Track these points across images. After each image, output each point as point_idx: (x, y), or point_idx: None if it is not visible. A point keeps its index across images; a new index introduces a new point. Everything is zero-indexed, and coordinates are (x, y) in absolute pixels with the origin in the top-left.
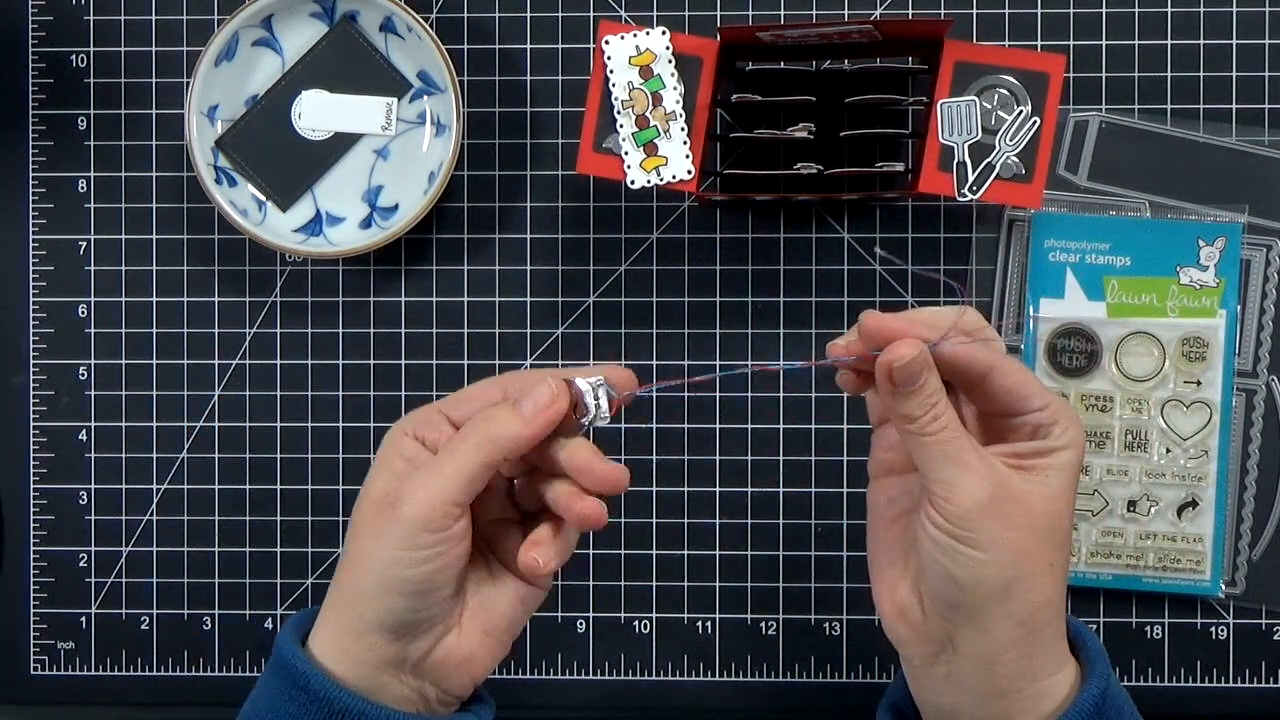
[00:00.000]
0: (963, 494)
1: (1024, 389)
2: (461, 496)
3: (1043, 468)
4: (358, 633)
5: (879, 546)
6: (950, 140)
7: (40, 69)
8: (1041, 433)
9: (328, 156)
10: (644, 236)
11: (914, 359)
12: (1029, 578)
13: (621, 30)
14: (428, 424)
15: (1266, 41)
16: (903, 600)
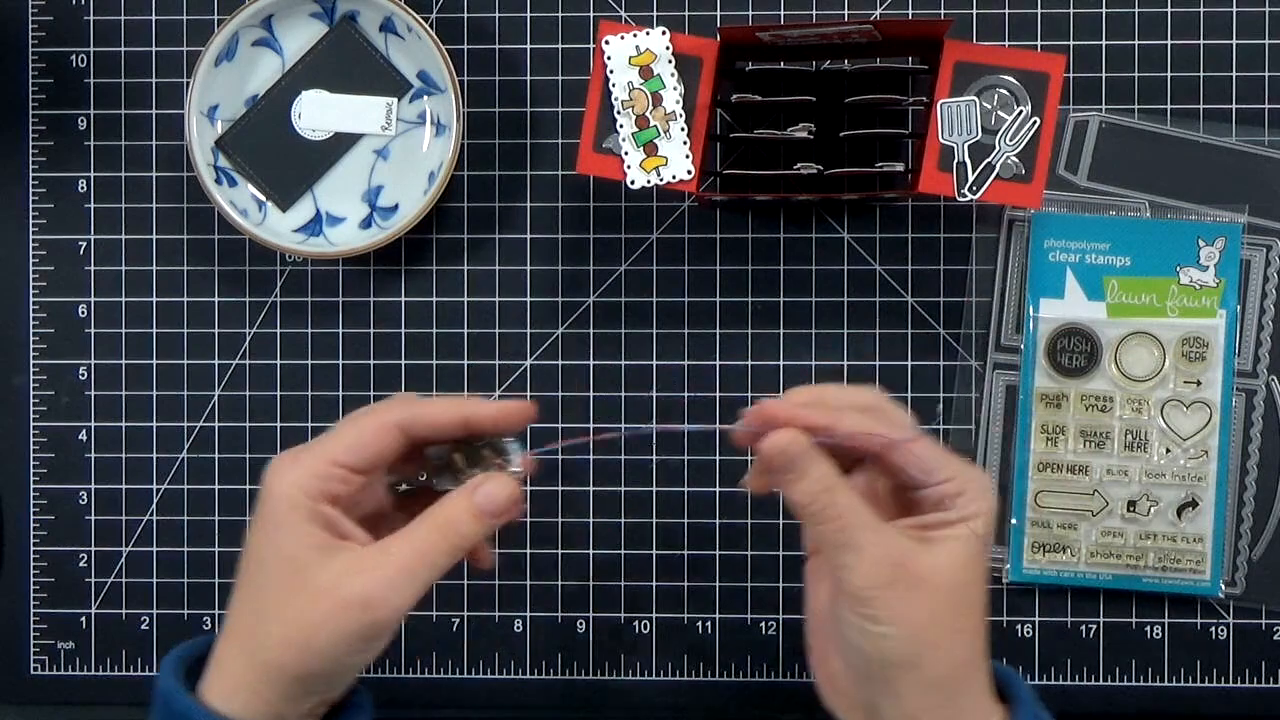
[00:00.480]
0: (859, 576)
1: (927, 463)
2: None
3: (947, 538)
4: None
5: (814, 619)
6: (950, 140)
7: (40, 69)
8: (948, 503)
9: (328, 156)
10: (644, 236)
11: (785, 448)
12: (937, 647)
13: (621, 30)
14: (330, 480)
15: (1266, 41)
16: (833, 669)
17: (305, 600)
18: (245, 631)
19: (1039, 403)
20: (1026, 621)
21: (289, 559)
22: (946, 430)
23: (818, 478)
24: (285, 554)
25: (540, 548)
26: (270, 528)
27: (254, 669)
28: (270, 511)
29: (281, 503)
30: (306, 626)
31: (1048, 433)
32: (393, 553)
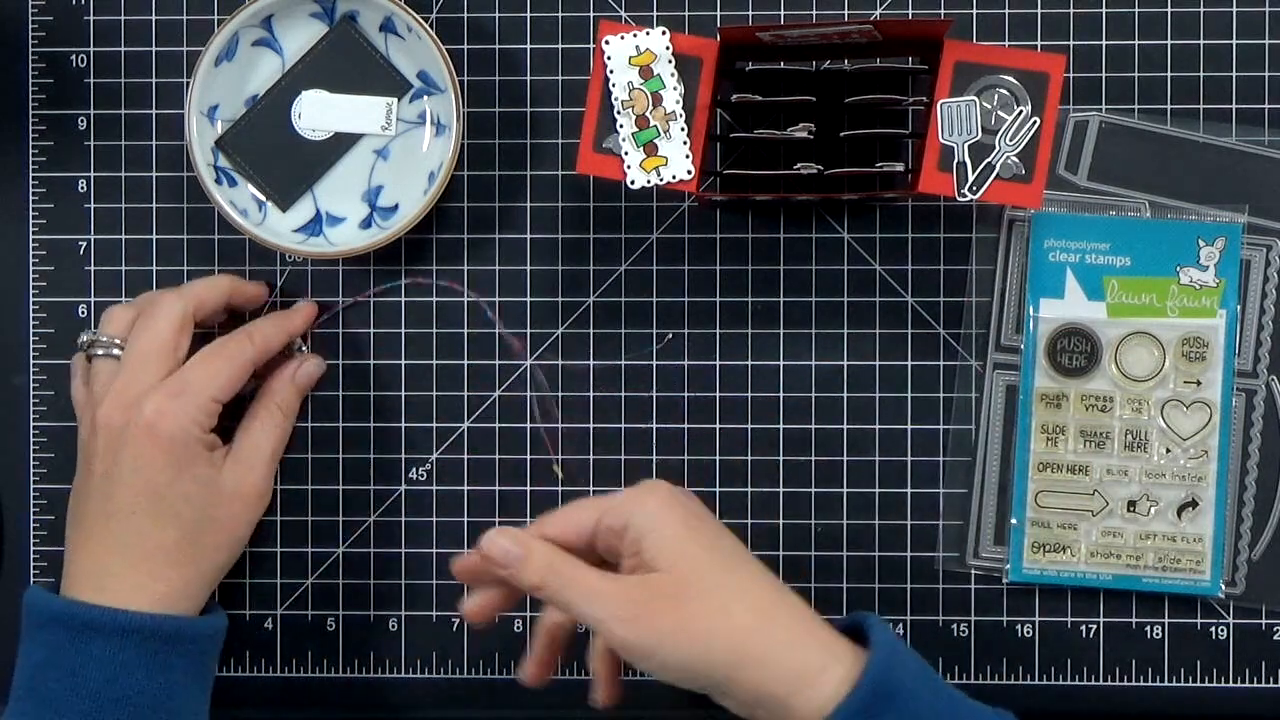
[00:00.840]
0: (611, 621)
1: (571, 520)
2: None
3: (644, 550)
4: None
5: None
6: (950, 140)
7: (40, 69)
8: (618, 528)
9: (328, 156)
10: (644, 236)
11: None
12: (712, 635)
13: (621, 30)
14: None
15: (1266, 41)
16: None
17: (225, 509)
18: (179, 551)
19: (1039, 403)
20: (1026, 621)
21: (206, 483)
22: (946, 430)
23: (539, 553)
24: (198, 481)
25: None
26: (180, 464)
27: (196, 577)
28: (175, 451)
29: (186, 443)
30: (232, 526)
31: (1048, 433)
32: (259, 444)
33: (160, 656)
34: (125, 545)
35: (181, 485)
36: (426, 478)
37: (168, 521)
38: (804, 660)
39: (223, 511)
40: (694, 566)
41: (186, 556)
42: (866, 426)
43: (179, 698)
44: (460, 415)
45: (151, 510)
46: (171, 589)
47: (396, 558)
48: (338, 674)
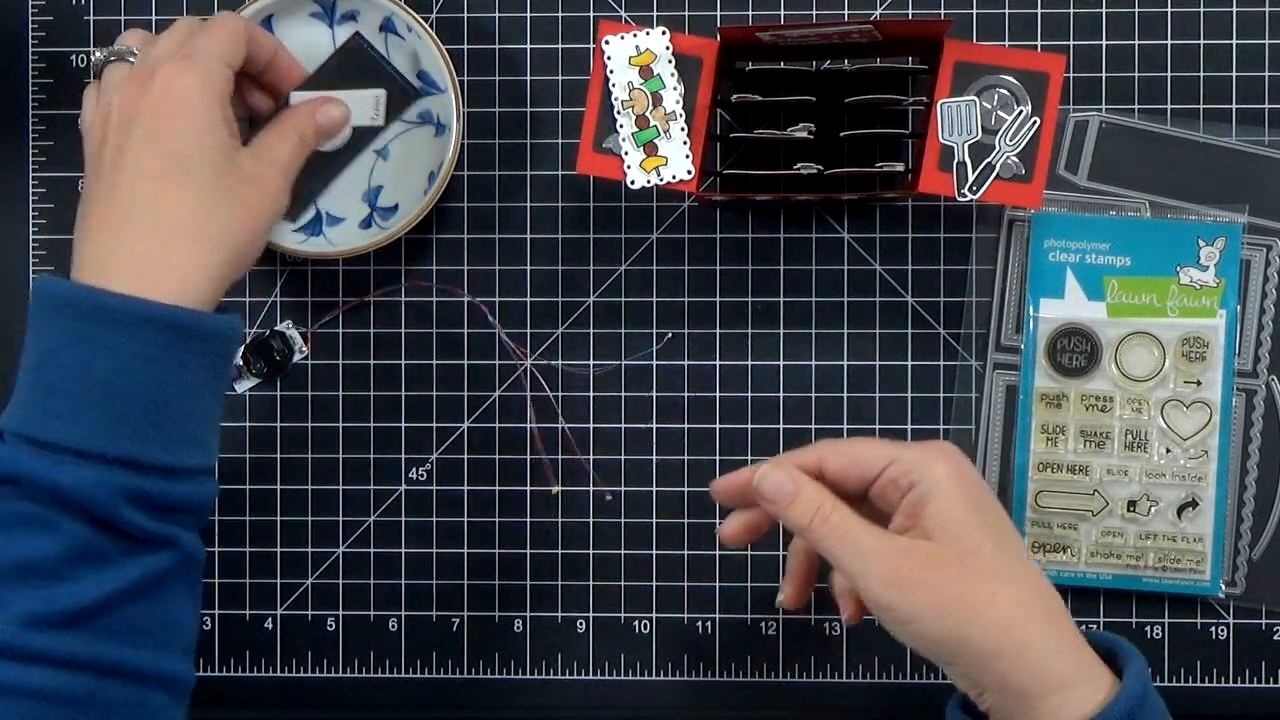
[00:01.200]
0: (872, 579)
1: (860, 459)
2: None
3: (923, 515)
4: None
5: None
6: (950, 140)
7: (40, 69)
8: (903, 484)
9: (334, 164)
10: (644, 236)
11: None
12: (975, 617)
13: (621, 30)
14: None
15: (1266, 41)
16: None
17: (245, 188)
18: (199, 223)
19: (1039, 403)
20: None
21: (227, 151)
22: (946, 430)
23: (810, 497)
24: (223, 147)
25: (540, 548)
26: (202, 124)
27: (214, 255)
28: (197, 108)
29: (205, 101)
30: (255, 211)
31: (1048, 433)
32: (275, 146)
33: (175, 351)
34: (137, 214)
35: (200, 147)
36: (426, 478)
37: (184, 184)
38: (1060, 667)
39: (243, 188)
40: (972, 546)
41: (204, 229)
42: (866, 426)
43: (193, 398)
44: (460, 415)
45: (165, 171)
46: (182, 265)
47: (396, 558)
48: (338, 674)
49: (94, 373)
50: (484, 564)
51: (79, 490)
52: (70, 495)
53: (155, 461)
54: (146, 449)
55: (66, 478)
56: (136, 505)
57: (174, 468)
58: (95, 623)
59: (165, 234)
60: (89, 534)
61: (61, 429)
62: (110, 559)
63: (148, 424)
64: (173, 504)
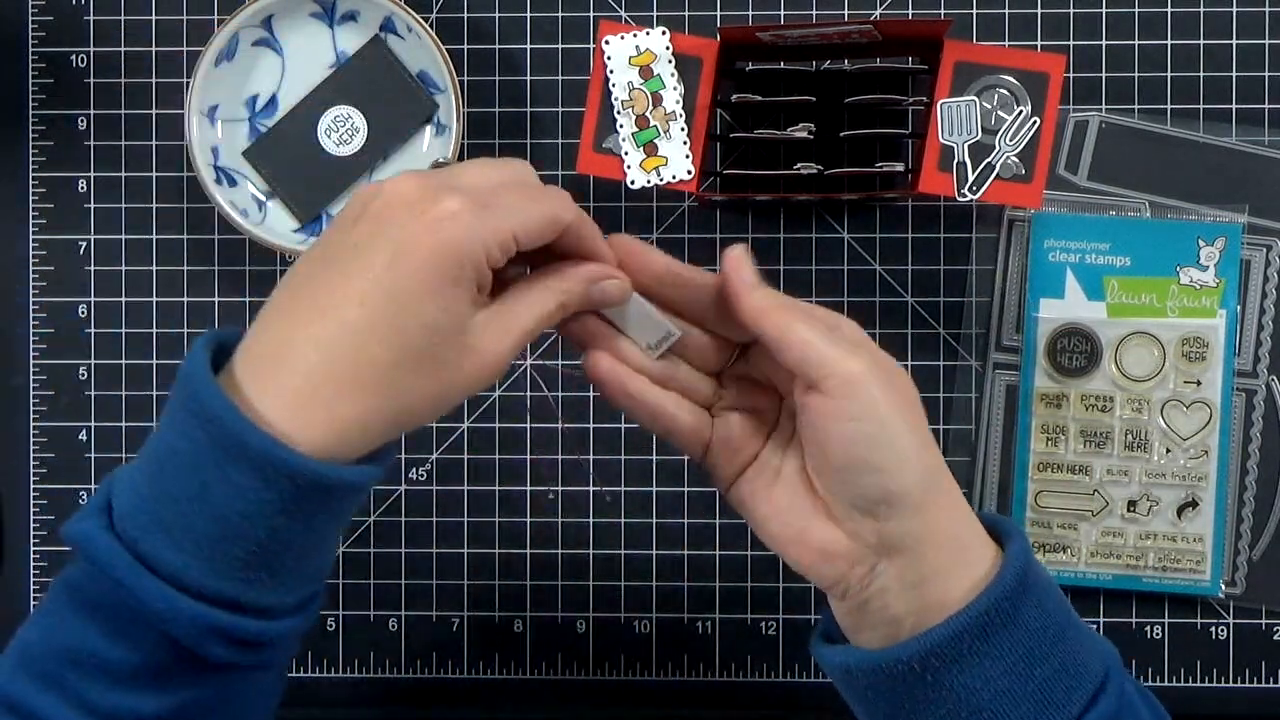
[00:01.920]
0: (842, 364)
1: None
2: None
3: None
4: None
5: (774, 519)
6: (950, 140)
7: (40, 69)
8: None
9: (352, 170)
10: (644, 236)
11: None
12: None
13: (621, 30)
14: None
15: (1266, 41)
16: (820, 539)
17: (455, 363)
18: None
19: (1039, 403)
20: None
21: (453, 318)
22: (947, 430)
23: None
24: (451, 312)
25: (540, 548)
26: (442, 279)
27: (382, 413)
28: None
29: (464, 259)
30: (452, 384)
31: (1048, 433)
32: (520, 312)
33: (306, 504)
34: (326, 342)
35: (431, 306)
36: (426, 478)
37: (391, 337)
38: (968, 533)
39: (451, 363)
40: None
41: (385, 387)
42: None
43: (315, 545)
44: (460, 415)
45: (378, 309)
46: (352, 418)
47: (396, 558)
48: (338, 674)
49: (214, 503)
50: (484, 564)
51: (170, 619)
52: (161, 620)
53: (257, 604)
54: (251, 592)
55: (160, 603)
56: (226, 642)
57: (275, 608)
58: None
59: (339, 381)
60: (169, 658)
61: (165, 550)
62: (186, 680)
63: (260, 567)
64: (264, 640)
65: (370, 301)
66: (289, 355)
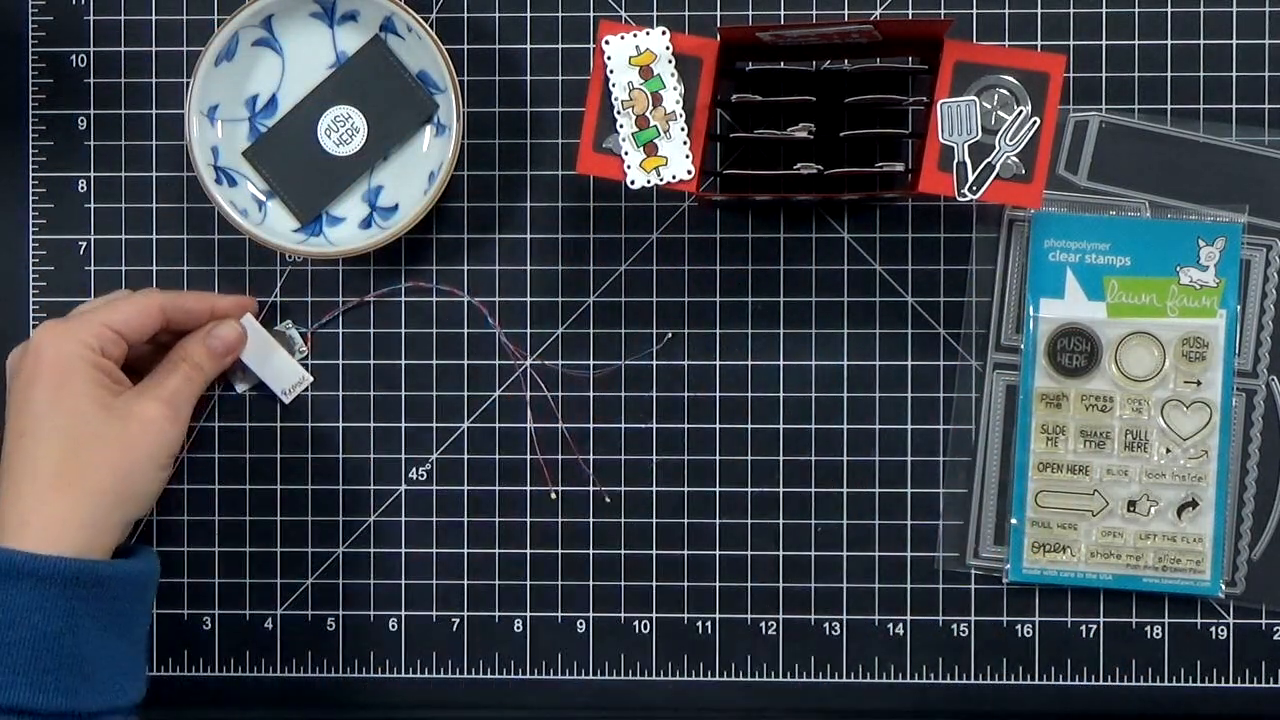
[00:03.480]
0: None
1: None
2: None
3: None
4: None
5: None
6: (950, 140)
7: (40, 69)
8: None
9: (353, 171)
10: (644, 236)
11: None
12: None
13: (621, 30)
14: (105, 341)
15: (1266, 41)
16: None
17: (117, 425)
18: (60, 473)
19: (1039, 403)
20: (1026, 621)
21: (90, 399)
22: (947, 430)
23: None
24: (84, 396)
25: (540, 547)
26: (60, 381)
27: (81, 502)
28: (57, 369)
29: (71, 360)
30: (125, 447)
31: (1048, 433)
32: (164, 384)
33: (59, 600)
34: (11, 470)
35: (63, 399)
36: (426, 478)
37: (50, 439)
38: None
39: (113, 427)
40: None
41: (70, 478)
42: (866, 426)
43: (88, 645)
44: (460, 415)
45: (31, 430)
46: (57, 516)
47: (396, 558)
48: (338, 674)
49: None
50: (484, 564)
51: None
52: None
53: (51, 709)
54: (40, 697)
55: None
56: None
57: (75, 712)
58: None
59: (36, 488)
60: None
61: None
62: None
63: (39, 671)
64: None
65: (27, 426)
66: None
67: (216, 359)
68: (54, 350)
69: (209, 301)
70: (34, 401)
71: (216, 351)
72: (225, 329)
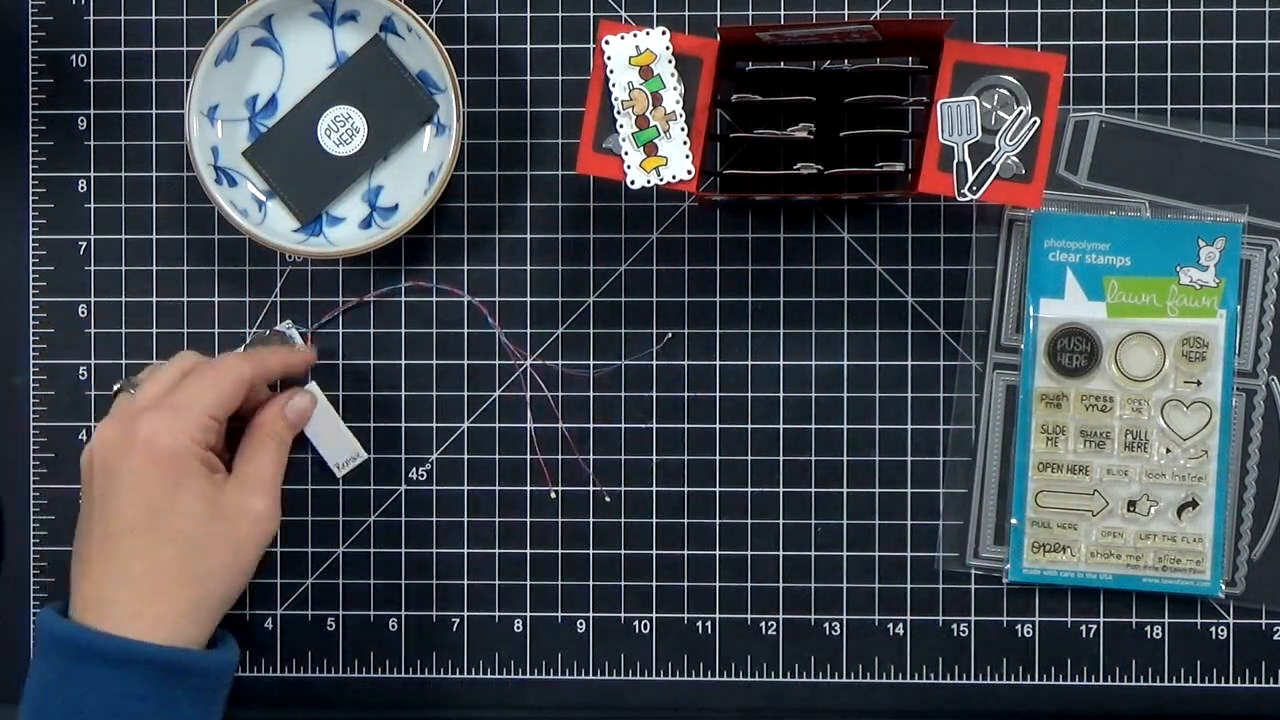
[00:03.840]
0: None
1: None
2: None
3: None
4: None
5: None
6: (950, 140)
7: (40, 69)
8: None
9: (353, 171)
10: (644, 236)
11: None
12: None
13: (621, 30)
14: (209, 433)
15: (1266, 41)
16: None
17: (228, 527)
18: (180, 577)
19: (1039, 403)
20: (1026, 621)
21: (204, 500)
22: (946, 430)
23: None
24: (199, 498)
25: (540, 548)
26: (176, 481)
27: (199, 603)
28: (173, 470)
29: (185, 459)
30: (238, 549)
31: (1048, 433)
32: (260, 466)
33: (165, 689)
34: (124, 567)
35: (180, 501)
36: (426, 478)
37: (166, 539)
38: None
39: (225, 529)
40: None
41: (187, 576)
42: (866, 426)
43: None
44: (460, 415)
45: (149, 528)
46: (172, 611)
47: (396, 558)
48: (338, 674)
49: (85, 711)
50: (484, 564)
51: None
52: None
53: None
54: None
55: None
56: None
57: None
58: None
59: (152, 585)
60: None
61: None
62: None
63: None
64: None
65: (140, 523)
66: (110, 587)
67: (295, 430)
68: (169, 449)
69: (283, 358)
70: (147, 497)
71: (296, 425)
72: (301, 400)
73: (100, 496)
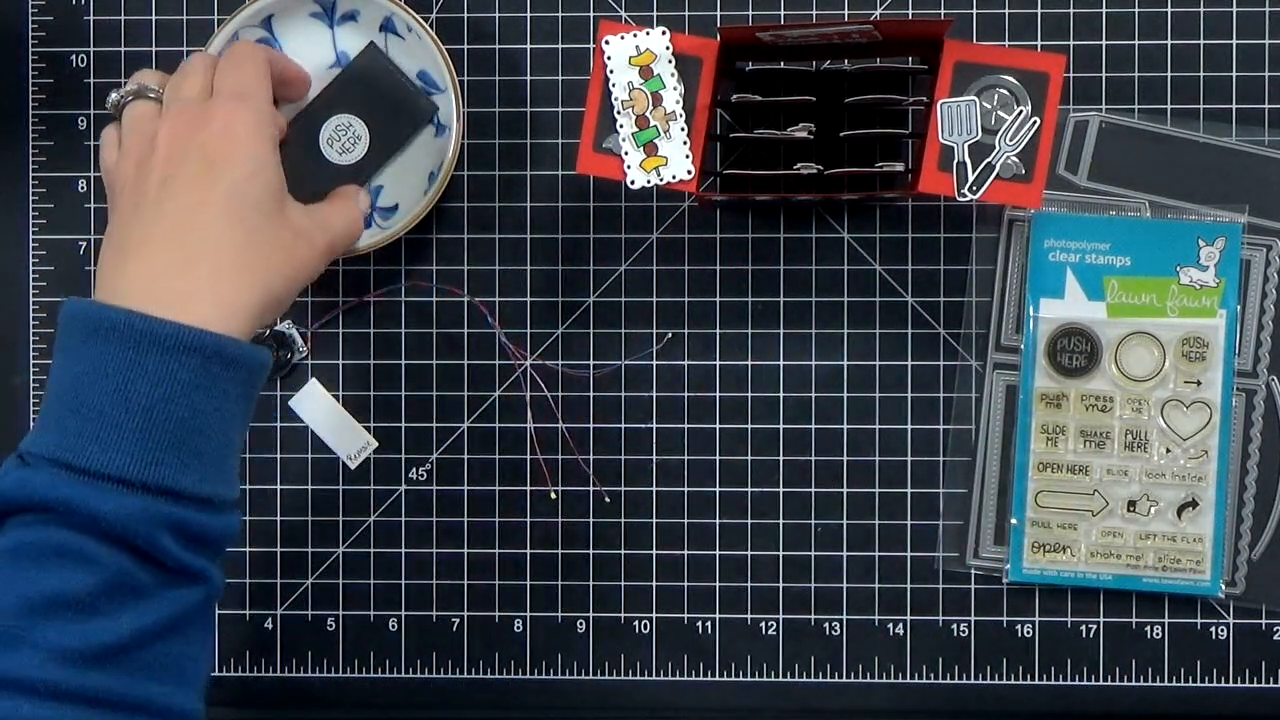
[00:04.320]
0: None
1: None
2: None
3: None
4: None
5: None
6: (950, 140)
7: (40, 69)
8: None
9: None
10: (644, 236)
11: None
12: None
13: (621, 30)
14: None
15: (1266, 41)
16: None
17: (300, 245)
18: (238, 263)
19: (1039, 403)
20: (1026, 621)
21: (276, 198)
22: (947, 430)
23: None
24: (273, 194)
25: (540, 548)
26: (255, 170)
27: (251, 292)
28: (250, 148)
29: (262, 141)
30: (301, 267)
31: (1048, 433)
32: (331, 217)
33: (218, 380)
34: (185, 243)
35: (255, 186)
36: (426, 478)
37: (236, 220)
38: None
39: (288, 238)
40: None
41: (248, 266)
42: (866, 426)
43: (228, 429)
44: (460, 415)
45: (219, 205)
46: (230, 302)
47: (396, 558)
48: (338, 674)
49: (136, 398)
50: (484, 564)
51: (121, 519)
52: (112, 525)
53: (194, 492)
54: (186, 479)
55: (108, 506)
56: (175, 536)
57: (210, 499)
58: (127, 659)
59: (211, 267)
60: (128, 565)
61: (101, 455)
62: (146, 593)
63: (188, 453)
64: (207, 537)
65: (209, 203)
66: (159, 268)
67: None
68: (250, 125)
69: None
70: (226, 174)
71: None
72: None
73: (160, 181)
